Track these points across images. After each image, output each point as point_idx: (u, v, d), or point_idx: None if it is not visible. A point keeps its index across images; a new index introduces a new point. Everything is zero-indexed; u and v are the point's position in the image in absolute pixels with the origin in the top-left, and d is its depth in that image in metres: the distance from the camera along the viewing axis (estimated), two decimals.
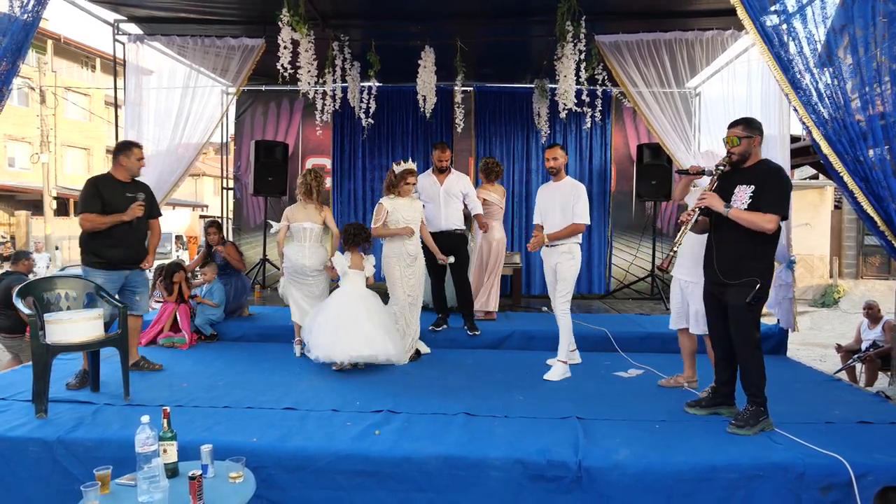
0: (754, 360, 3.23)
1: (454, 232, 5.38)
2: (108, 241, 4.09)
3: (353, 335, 4.31)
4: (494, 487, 2.87)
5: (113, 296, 4.04)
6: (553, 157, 4.46)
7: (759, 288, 3.12)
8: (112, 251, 4.12)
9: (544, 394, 3.94)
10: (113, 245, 4.11)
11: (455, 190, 5.39)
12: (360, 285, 4.62)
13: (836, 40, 3.25)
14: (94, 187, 4.11)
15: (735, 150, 3.21)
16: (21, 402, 3.59)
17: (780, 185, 3.13)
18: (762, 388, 3.23)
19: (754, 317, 3.23)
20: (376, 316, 4.47)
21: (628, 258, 8.32)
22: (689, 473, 2.82)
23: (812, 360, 7.96)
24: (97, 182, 4.17)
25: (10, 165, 23.01)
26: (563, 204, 4.36)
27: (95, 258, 4.11)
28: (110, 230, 4.08)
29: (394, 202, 4.71)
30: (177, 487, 2.40)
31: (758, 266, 3.16)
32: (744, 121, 3.27)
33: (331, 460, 2.93)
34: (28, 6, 3.28)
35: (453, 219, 5.38)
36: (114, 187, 4.15)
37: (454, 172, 5.48)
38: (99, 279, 4.04)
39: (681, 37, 5.47)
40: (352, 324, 4.35)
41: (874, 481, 2.73)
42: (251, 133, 8.52)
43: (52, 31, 23.17)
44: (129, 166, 4.22)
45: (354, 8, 6.09)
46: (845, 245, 15.17)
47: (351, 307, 4.44)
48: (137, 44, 5.85)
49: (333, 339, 4.30)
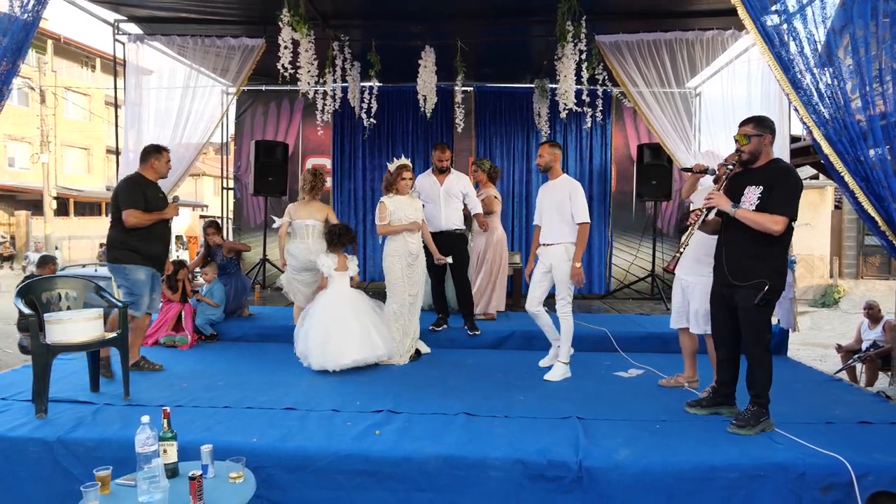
0: (763, 362, 3.21)
1: (454, 232, 5.39)
2: (150, 237, 4.29)
3: (343, 341, 4.35)
4: (495, 487, 2.86)
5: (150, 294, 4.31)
6: (539, 154, 4.46)
7: (768, 289, 3.08)
8: (155, 247, 4.35)
9: (544, 394, 3.94)
10: (156, 241, 4.35)
11: (455, 190, 5.39)
12: (345, 286, 4.68)
13: (836, 40, 3.24)
14: (137, 185, 4.30)
15: (745, 148, 3.15)
16: (21, 402, 3.59)
17: (789, 186, 3.06)
18: (767, 390, 3.22)
19: (765, 318, 3.21)
20: (364, 315, 4.52)
21: (629, 258, 8.32)
22: (689, 473, 2.82)
23: (812, 360, 7.96)
24: (139, 181, 4.35)
25: (10, 165, 23.03)
26: (559, 202, 4.33)
27: (137, 255, 4.24)
28: (151, 227, 4.28)
29: (394, 200, 4.72)
30: (177, 488, 2.39)
31: (766, 267, 3.10)
32: (755, 119, 3.22)
33: (331, 460, 2.92)
34: (28, 6, 3.28)
35: (453, 219, 5.38)
36: (150, 187, 4.36)
37: (454, 172, 5.48)
38: (142, 275, 4.24)
39: (681, 37, 5.46)
40: (340, 327, 4.40)
41: (875, 481, 2.74)
42: (251, 133, 8.52)
43: (51, 30, 23.18)
44: (159, 168, 4.42)
45: (354, 8, 6.09)
46: (845, 245, 15.17)
47: (338, 308, 4.50)
48: (137, 44, 5.84)
49: (324, 349, 4.35)
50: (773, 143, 3.21)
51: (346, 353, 4.32)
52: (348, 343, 4.36)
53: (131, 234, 4.21)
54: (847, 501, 2.77)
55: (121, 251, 4.23)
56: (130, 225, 4.17)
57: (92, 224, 23.18)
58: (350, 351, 4.33)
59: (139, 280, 4.23)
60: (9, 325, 10.37)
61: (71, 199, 23.79)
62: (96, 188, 26.07)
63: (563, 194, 4.32)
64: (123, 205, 4.19)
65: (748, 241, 3.12)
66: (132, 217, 4.15)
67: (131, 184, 4.31)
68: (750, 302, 3.12)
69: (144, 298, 4.27)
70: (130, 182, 4.34)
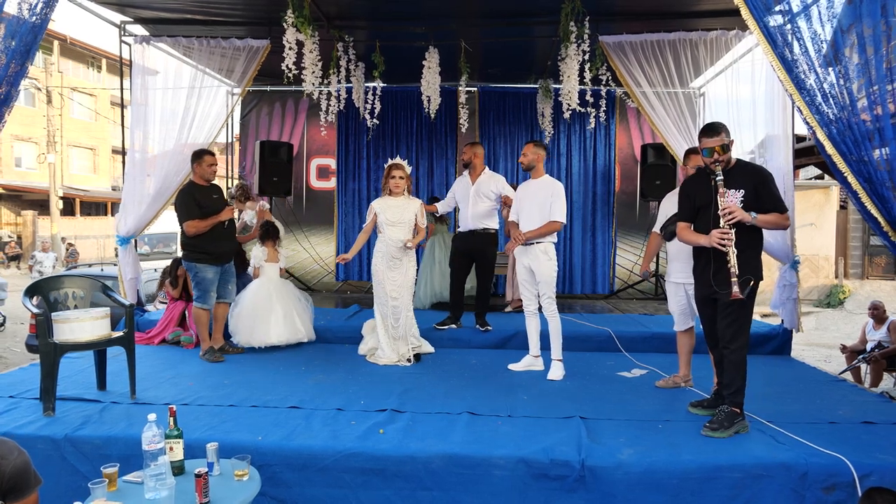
0: (738, 362, 3.21)
1: (481, 231, 5.33)
2: (214, 238, 4.66)
3: (268, 323, 5.02)
4: (499, 486, 2.88)
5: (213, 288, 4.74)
6: (523, 153, 4.50)
7: (755, 284, 3.13)
8: (221, 246, 4.71)
9: (548, 393, 3.95)
10: (221, 240, 4.71)
11: (486, 189, 5.29)
12: (274, 275, 5.29)
13: (843, 39, 3.23)
14: (190, 196, 4.64)
15: (723, 157, 3.16)
16: (29, 399, 3.63)
17: (771, 183, 3.20)
18: (742, 391, 3.23)
19: (748, 316, 3.22)
20: (289, 302, 5.18)
21: (632, 258, 8.32)
22: (693, 473, 2.83)
23: (817, 360, 7.95)
24: (191, 191, 4.68)
25: (17, 165, 23.14)
26: (540, 201, 4.33)
27: (205, 255, 4.65)
28: (212, 229, 4.64)
29: (383, 202, 4.73)
30: (183, 485, 2.42)
31: (750, 265, 3.14)
32: (719, 126, 3.21)
33: (336, 458, 2.95)
34: (36, 8, 3.31)
35: (480, 218, 5.31)
36: (202, 193, 4.69)
37: (487, 172, 5.38)
38: (210, 273, 4.68)
39: (685, 37, 5.46)
40: (266, 310, 5.04)
41: (877, 481, 2.73)
42: (256, 133, 8.56)
43: (57, 31, 23.28)
44: (202, 173, 4.73)
45: (359, 9, 6.11)
46: (851, 245, 15.09)
47: (266, 294, 5.12)
48: (143, 45, 5.88)
49: (252, 329, 5.01)
50: None
51: (272, 334, 4.99)
52: (272, 324, 5.02)
53: (197, 238, 4.61)
54: (850, 501, 2.77)
55: (191, 253, 4.66)
56: (191, 234, 4.59)
57: (98, 224, 23.28)
58: (275, 332, 5.00)
59: (206, 278, 4.68)
60: (15, 325, 10.45)
61: (77, 198, 23.90)
62: (102, 188, 26.19)
63: (545, 193, 4.34)
64: (180, 218, 4.62)
65: (742, 236, 3.12)
66: (190, 228, 4.58)
67: (183, 195, 4.69)
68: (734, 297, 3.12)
69: (211, 294, 4.73)
70: (182, 194, 4.74)
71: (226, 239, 4.78)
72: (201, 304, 4.73)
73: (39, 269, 12.02)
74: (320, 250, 8.60)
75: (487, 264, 5.44)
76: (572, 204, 8.15)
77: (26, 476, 1.82)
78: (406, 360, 4.71)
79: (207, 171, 4.72)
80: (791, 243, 5.00)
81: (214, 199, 4.72)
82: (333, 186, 8.56)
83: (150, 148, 5.79)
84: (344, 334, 5.42)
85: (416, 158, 8.39)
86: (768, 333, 5.26)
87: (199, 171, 4.72)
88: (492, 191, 5.30)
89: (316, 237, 8.61)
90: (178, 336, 5.24)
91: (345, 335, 5.40)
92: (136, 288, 5.69)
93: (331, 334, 5.44)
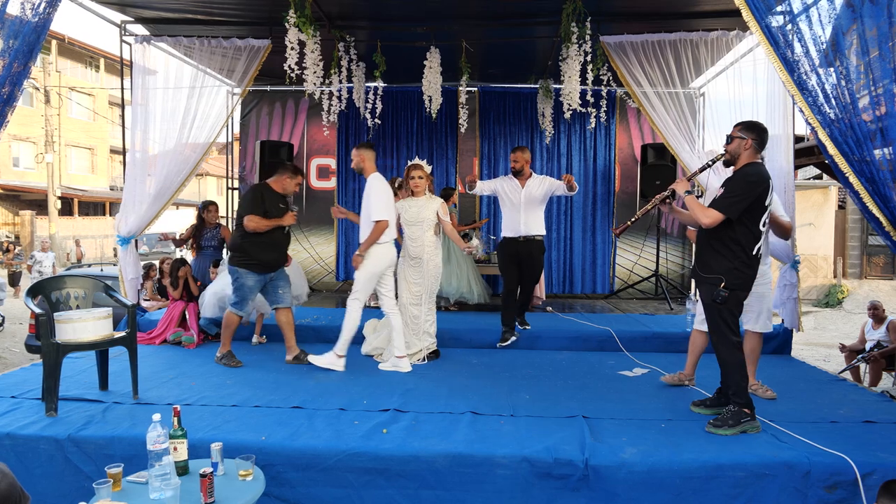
0: (731, 361, 3.24)
1: (534, 238, 5.26)
2: (266, 245, 4.55)
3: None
4: (502, 485, 2.89)
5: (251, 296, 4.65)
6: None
7: (724, 287, 3.13)
8: (269, 254, 4.59)
9: (550, 393, 3.96)
10: (271, 248, 4.59)
11: (538, 193, 5.22)
12: None
13: (844, 41, 3.23)
14: (259, 193, 4.59)
15: (727, 147, 3.28)
16: (31, 400, 3.63)
17: (736, 187, 3.15)
18: (743, 389, 3.24)
19: (724, 317, 3.21)
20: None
21: (632, 258, 8.33)
22: (696, 472, 2.84)
23: (816, 360, 7.97)
24: (262, 190, 4.62)
25: (15, 165, 23.09)
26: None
27: (251, 261, 4.54)
28: (271, 233, 4.55)
29: (404, 202, 4.81)
30: (187, 485, 2.43)
31: (722, 265, 3.18)
32: (745, 122, 3.32)
33: (340, 458, 2.95)
34: (39, 8, 3.31)
35: (533, 224, 5.24)
36: (272, 196, 4.62)
37: (535, 176, 5.31)
38: (251, 281, 4.56)
39: (685, 37, 5.47)
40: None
41: (879, 480, 2.74)
42: (256, 133, 8.56)
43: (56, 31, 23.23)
44: (284, 184, 4.67)
45: (360, 9, 6.11)
46: (849, 245, 15.12)
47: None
48: (144, 45, 5.87)
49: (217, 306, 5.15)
50: (756, 150, 3.24)
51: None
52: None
53: (249, 241, 4.51)
54: (852, 500, 2.79)
55: (238, 257, 4.57)
56: (250, 229, 4.46)
57: (96, 224, 23.25)
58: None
59: (246, 285, 4.56)
60: (14, 325, 10.43)
61: (75, 198, 23.85)
62: (100, 188, 26.13)
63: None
64: (245, 210, 4.54)
65: (710, 234, 3.23)
66: (251, 222, 4.46)
67: (253, 191, 4.66)
68: (708, 298, 3.22)
69: (249, 302, 4.64)
70: (253, 189, 4.71)
71: (278, 249, 4.66)
72: (237, 310, 4.62)
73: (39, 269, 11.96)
74: (320, 250, 8.60)
75: (538, 270, 5.52)
76: (573, 204, 8.17)
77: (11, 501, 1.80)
78: (426, 355, 4.76)
79: (289, 185, 4.66)
80: (791, 243, 5.01)
81: (280, 207, 4.63)
82: (334, 186, 8.57)
83: (150, 148, 5.79)
84: None
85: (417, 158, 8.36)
86: (769, 333, 5.25)
87: (281, 182, 4.65)
88: (544, 193, 5.25)
89: (316, 237, 8.61)
90: (180, 337, 5.24)
91: None
92: (137, 288, 5.69)
93: (332, 334, 5.42)
